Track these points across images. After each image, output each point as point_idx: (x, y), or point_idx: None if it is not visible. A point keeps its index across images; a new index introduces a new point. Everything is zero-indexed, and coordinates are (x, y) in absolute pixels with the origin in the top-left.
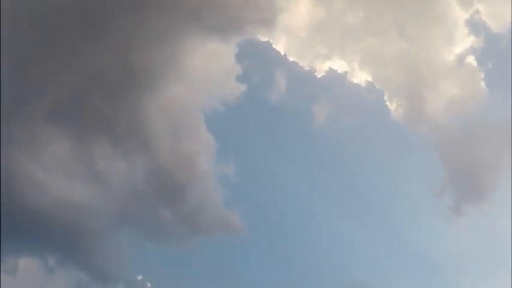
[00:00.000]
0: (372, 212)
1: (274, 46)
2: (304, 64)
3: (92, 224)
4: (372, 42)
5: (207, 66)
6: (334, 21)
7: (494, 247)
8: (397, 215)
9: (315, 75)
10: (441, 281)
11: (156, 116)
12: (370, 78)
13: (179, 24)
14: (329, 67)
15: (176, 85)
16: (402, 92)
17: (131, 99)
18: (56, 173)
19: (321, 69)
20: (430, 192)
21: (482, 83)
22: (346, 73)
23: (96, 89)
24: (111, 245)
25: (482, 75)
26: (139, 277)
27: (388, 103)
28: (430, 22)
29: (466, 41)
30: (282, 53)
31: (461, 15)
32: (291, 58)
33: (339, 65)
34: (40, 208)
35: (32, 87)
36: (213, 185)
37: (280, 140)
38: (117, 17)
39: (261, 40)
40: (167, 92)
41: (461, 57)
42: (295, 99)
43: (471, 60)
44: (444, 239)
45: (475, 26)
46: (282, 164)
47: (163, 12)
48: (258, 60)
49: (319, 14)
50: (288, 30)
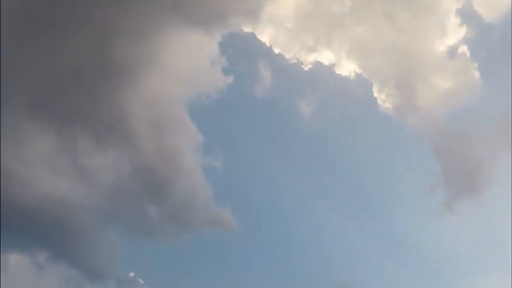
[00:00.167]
0: (364, 208)
1: (259, 37)
2: (290, 56)
3: (80, 221)
4: (360, 32)
5: (190, 59)
6: (320, 10)
7: (488, 242)
8: (389, 210)
9: (302, 67)
10: (436, 277)
11: (138, 111)
12: (358, 69)
13: (160, 16)
14: (316, 59)
15: (158, 79)
16: (392, 84)
17: (112, 93)
18: (41, 169)
19: (308, 61)
20: (423, 187)
21: (476, 75)
22: (333, 65)
23: (76, 84)
24: (101, 242)
25: (476, 66)
26: (131, 274)
27: (377, 95)
28: (420, 11)
29: (458, 31)
30: (268, 45)
31: (452, 4)
32: (277, 50)
33: (326, 57)
34: (26, 204)
35: (13, 83)
36: (201, 180)
37: (267, 134)
38: (96, 10)
39: (246, 31)
40: (149, 86)
41: (453, 47)
42: (281, 91)
43: (464, 51)
44: (438, 235)
45: (467, 16)
46: (270, 158)
47: (143, 4)
48: (243, 52)
49: (305, 4)
50: (273, 20)
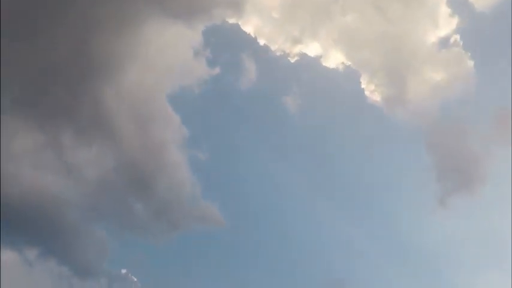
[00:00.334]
0: (355, 203)
1: (243, 28)
2: (275, 48)
3: (68, 217)
4: (349, 22)
5: (173, 52)
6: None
7: (483, 238)
8: (379, 206)
9: (288, 60)
10: (431, 274)
11: (121, 105)
12: (347, 61)
13: (141, 10)
14: (303, 51)
15: (140, 73)
16: (381, 76)
17: (93, 88)
18: (26, 166)
19: (294, 52)
20: (416, 183)
21: (469, 66)
22: (320, 56)
23: (57, 80)
24: (90, 239)
25: (469, 57)
26: (123, 271)
27: (367, 88)
28: (411, 0)
29: (450, 21)
30: (253, 36)
31: None
32: (262, 41)
33: (314, 48)
34: (13, 201)
35: None
36: (187, 175)
37: (252, 127)
38: (76, 5)
39: (230, 22)
40: (131, 80)
41: (445, 38)
42: (266, 84)
43: (457, 41)
44: (432, 232)
45: (459, 5)
46: (257, 153)
47: None
48: (227, 44)
49: None
50: (258, 11)
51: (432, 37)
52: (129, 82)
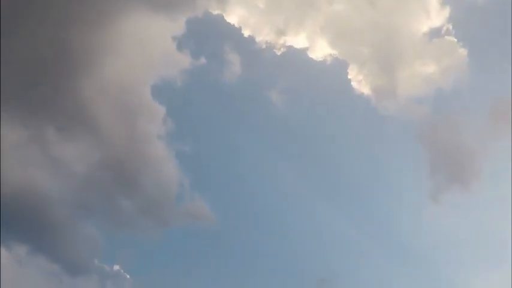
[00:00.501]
0: (347, 199)
1: (227, 19)
2: (260, 39)
3: (56, 214)
4: (337, 11)
5: (156, 44)
6: None
7: (477, 234)
8: (369, 201)
9: (274, 51)
10: (423, 270)
11: (102, 99)
12: (334, 51)
13: (121, 2)
14: (289, 41)
15: (121, 65)
16: (370, 68)
17: (74, 83)
18: (11, 162)
19: (279, 43)
20: (406, 177)
21: (463, 58)
22: (307, 48)
23: (38, 75)
24: (80, 236)
25: (462, 48)
26: (115, 268)
27: (355, 80)
28: None
29: (443, 10)
30: (237, 27)
31: None
32: (247, 32)
33: (300, 38)
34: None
35: None
36: (174, 170)
37: (237, 120)
38: None
39: (213, 13)
40: (111, 73)
41: (437, 27)
42: (251, 76)
43: (449, 31)
44: (424, 229)
45: None
46: (241, 146)
47: None
48: (211, 35)
49: None
50: (243, 1)
51: (424, 26)
52: (110, 76)
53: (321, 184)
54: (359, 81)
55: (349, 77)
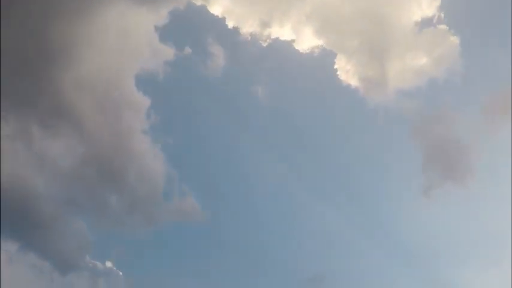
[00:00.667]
0: (339, 194)
1: (210, 10)
2: (245, 30)
3: (44, 210)
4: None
5: (136, 36)
6: None
7: (470, 230)
8: (358, 195)
9: (260, 43)
10: (416, 265)
11: (82, 93)
12: (320, 40)
13: None
14: (275, 32)
15: (101, 58)
16: (359, 59)
17: (52, 77)
18: None
19: (265, 34)
20: (398, 172)
21: (455, 45)
22: (293, 39)
23: (14, 69)
24: (70, 233)
25: (455, 36)
26: (108, 264)
27: (341, 68)
28: None
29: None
30: (220, 17)
31: None
32: (231, 23)
33: (286, 28)
34: None
35: None
36: (160, 166)
37: (221, 113)
38: None
39: (196, 4)
40: (91, 67)
41: (429, 16)
42: (236, 68)
43: (441, 19)
44: (416, 224)
45: None
46: (226, 140)
47: None
48: (193, 26)
49: None
50: None
51: (415, 14)
52: (93, 69)
53: (311, 180)
54: (347, 71)
55: (335, 67)
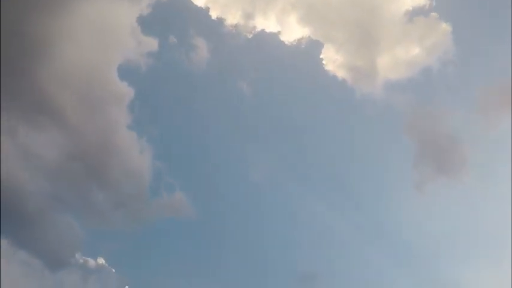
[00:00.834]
0: (329, 189)
1: (193, 0)
2: (229, 21)
3: (31, 207)
4: None
5: (119, 27)
6: None
7: (463, 224)
8: (349, 189)
9: (245, 34)
10: (409, 262)
11: (62, 87)
12: (306, 31)
13: None
14: (260, 24)
15: (80, 51)
16: (347, 50)
17: (34, 70)
18: None
19: (249, 25)
20: (389, 167)
21: (448, 36)
22: (279, 31)
23: None
24: (60, 229)
25: (447, 26)
26: (100, 261)
27: (328, 58)
28: None
29: None
30: (203, 8)
31: None
32: (214, 14)
33: (271, 20)
34: None
35: None
36: (146, 163)
37: (207, 107)
38: None
39: None
40: (70, 60)
41: (420, 5)
42: (220, 59)
43: (432, 8)
44: (407, 220)
45: None
46: (216, 133)
47: None
48: (175, 18)
49: None
50: None
51: (405, 3)
52: (74, 61)
53: (299, 173)
54: (334, 61)
55: (321, 57)
